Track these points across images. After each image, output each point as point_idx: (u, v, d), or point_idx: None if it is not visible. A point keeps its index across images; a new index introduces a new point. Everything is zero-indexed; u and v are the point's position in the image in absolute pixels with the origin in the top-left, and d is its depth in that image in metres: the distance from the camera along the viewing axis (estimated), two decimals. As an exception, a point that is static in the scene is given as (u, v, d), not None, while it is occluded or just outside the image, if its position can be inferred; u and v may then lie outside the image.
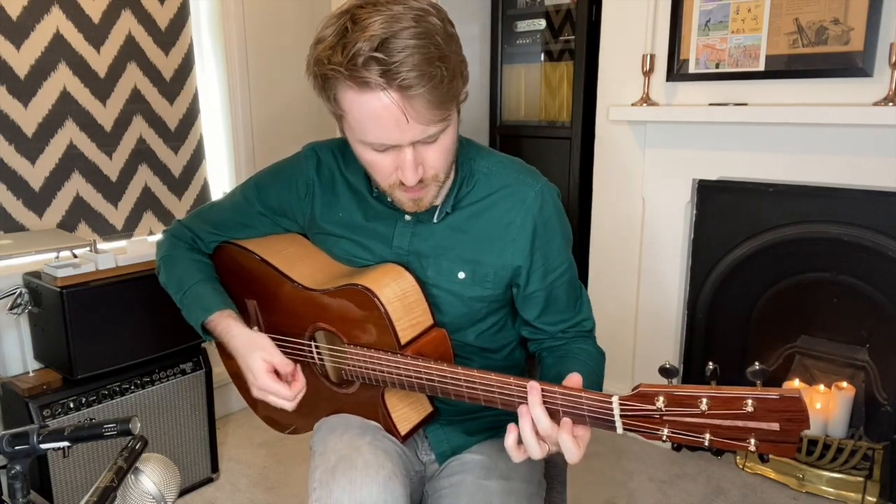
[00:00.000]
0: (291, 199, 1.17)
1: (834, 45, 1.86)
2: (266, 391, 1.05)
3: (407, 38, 0.84)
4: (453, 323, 1.08)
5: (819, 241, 2.02)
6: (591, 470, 2.23)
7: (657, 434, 0.78)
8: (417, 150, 0.93)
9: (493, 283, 1.07)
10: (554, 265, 1.08)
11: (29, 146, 1.94)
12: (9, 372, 1.91)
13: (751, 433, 0.73)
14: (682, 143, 2.21)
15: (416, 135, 0.90)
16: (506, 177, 1.07)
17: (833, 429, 2.08)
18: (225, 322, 1.11)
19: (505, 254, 1.05)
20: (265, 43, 2.57)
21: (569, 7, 2.65)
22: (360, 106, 0.89)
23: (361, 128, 0.92)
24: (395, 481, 0.98)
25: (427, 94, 0.85)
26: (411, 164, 0.93)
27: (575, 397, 0.83)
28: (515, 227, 1.04)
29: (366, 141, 0.93)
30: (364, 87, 0.86)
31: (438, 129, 0.92)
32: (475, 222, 1.06)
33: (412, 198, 0.99)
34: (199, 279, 1.17)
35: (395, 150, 0.93)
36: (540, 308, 1.10)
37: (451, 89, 0.89)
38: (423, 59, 0.84)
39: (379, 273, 1.05)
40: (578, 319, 1.14)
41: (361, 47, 0.83)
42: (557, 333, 1.13)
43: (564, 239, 1.09)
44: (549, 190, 1.07)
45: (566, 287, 1.11)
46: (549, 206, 1.06)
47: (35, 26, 1.91)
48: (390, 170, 0.96)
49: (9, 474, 0.82)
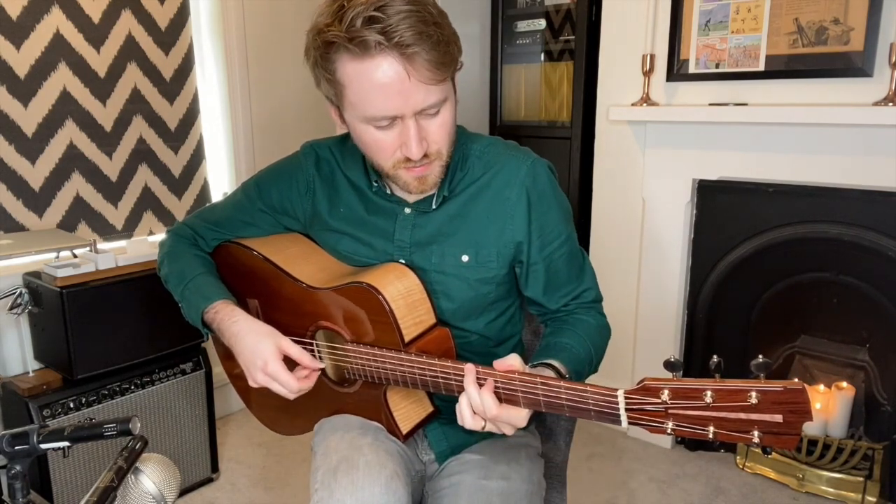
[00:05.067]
0: (293, 196, 1.17)
1: (834, 45, 1.86)
2: (274, 377, 1.02)
3: (401, 4, 0.88)
4: (461, 310, 1.09)
5: (819, 241, 2.02)
6: (591, 470, 2.23)
7: (662, 427, 0.78)
8: (420, 123, 0.94)
9: (497, 262, 1.07)
10: (551, 237, 1.08)
11: (29, 146, 1.94)
12: (9, 372, 1.91)
13: (754, 425, 0.73)
14: (682, 143, 2.21)
15: (418, 101, 0.91)
16: (497, 155, 1.08)
17: (833, 429, 2.08)
18: (228, 309, 1.10)
19: (505, 231, 1.06)
20: (265, 43, 2.57)
21: (569, 7, 2.65)
22: (361, 73, 0.90)
23: (363, 100, 0.92)
24: (397, 481, 0.98)
25: (425, 53, 0.88)
26: (415, 136, 0.93)
27: (580, 391, 0.83)
28: (511, 203, 1.05)
29: (368, 115, 0.94)
30: (365, 52, 0.88)
31: (439, 98, 0.93)
32: (473, 205, 1.07)
33: (417, 175, 0.99)
34: (201, 272, 1.17)
35: (399, 125, 0.94)
36: (542, 283, 1.10)
37: (448, 52, 0.92)
38: (418, 21, 0.88)
39: (383, 271, 1.05)
40: (580, 290, 1.13)
41: (359, 11, 0.87)
42: (561, 307, 1.13)
43: (561, 210, 1.09)
44: (540, 163, 1.08)
45: (566, 258, 1.10)
46: (542, 177, 1.06)
47: (35, 26, 1.91)
48: (394, 147, 0.96)
49: (9, 474, 0.82)
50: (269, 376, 1.03)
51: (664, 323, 2.36)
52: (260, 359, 1.03)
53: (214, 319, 1.11)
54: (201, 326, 1.13)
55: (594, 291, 1.15)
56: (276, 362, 1.02)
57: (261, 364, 1.03)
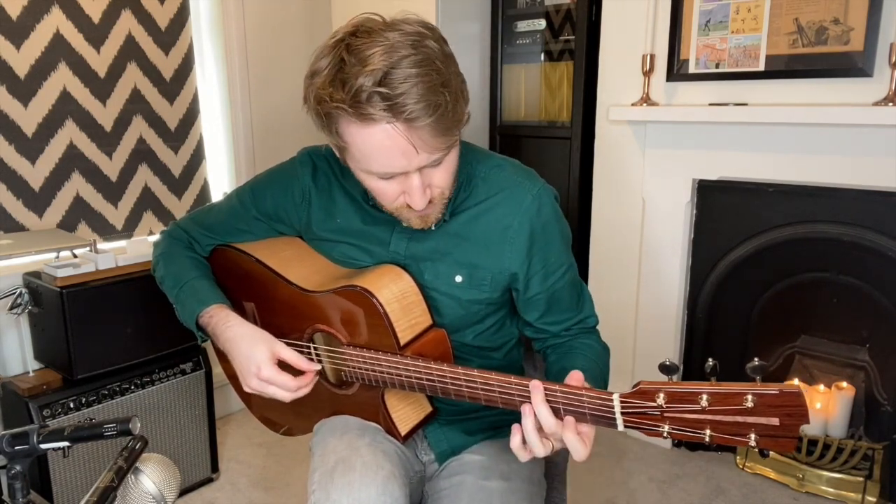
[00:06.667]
0: (287, 205, 1.16)
1: (834, 45, 1.86)
2: (269, 382, 1.02)
3: (408, 66, 0.83)
4: (452, 324, 1.08)
5: (819, 241, 2.02)
6: (591, 470, 2.23)
7: (658, 431, 0.78)
8: (424, 173, 0.93)
9: (491, 286, 1.07)
10: (554, 267, 1.08)
11: (29, 146, 1.94)
12: (9, 372, 1.91)
13: (751, 428, 0.73)
14: (682, 143, 2.21)
15: (422, 160, 0.90)
16: (503, 180, 1.06)
17: (833, 429, 2.08)
18: (223, 313, 1.10)
19: (503, 258, 1.05)
20: (265, 43, 2.57)
21: (569, 7, 2.64)
22: (364, 139, 0.88)
23: (366, 159, 0.91)
24: (394, 482, 0.98)
25: (433, 123, 0.85)
26: (419, 189, 0.93)
27: (576, 395, 0.83)
28: (513, 231, 1.04)
29: (371, 171, 0.93)
30: (369, 122, 0.85)
31: (444, 154, 0.92)
32: (473, 226, 1.06)
33: (419, 216, 0.99)
34: (196, 275, 1.17)
35: (402, 177, 0.93)
36: (542, 310, 1.10)
37: (455, 115, 0.89)
38: (426, 89, 0.83)
39: (377, 274, 1.05)
40: (581, 317, 1.13)
41: (363, 83, 0.82)
42: (561, 332, 1.12)
43: (563, 240, 1.09)
44: (546, 192, 1.06)
45: (568, 287, 1.11)
46: (546, 208, 1.05)
47: (35, 26, 1.91)
48: (396, 194, 0.96)
49: (9, 474, 0.82)
50: (263, 381, 1.03)
51: (664, 323, 2.36)
52: (254, 364, 1.03)
53: (209, 323, 1.11)
54: (196, 330, 1.13)
55: (595, 318, 1.16)
56: (270, 367, 1.02)
57: (254, 370, 1.03)
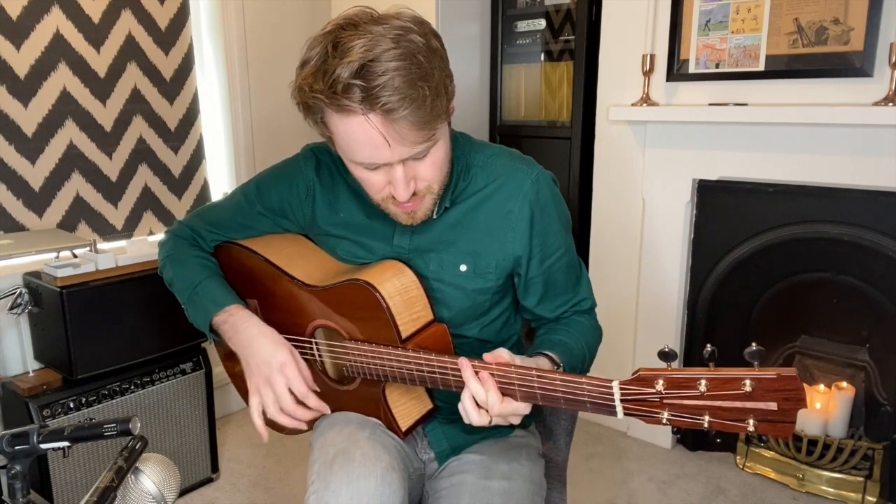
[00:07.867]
0: (292, 200, 1.17)
1: (834, 45, 1.86)
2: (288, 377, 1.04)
3: (387, 60, 0.84)
4: (457, 317, 1.09)
5: (819, 241, 2.02)
6: (591, 470, 2.23)
7: (657, 417, 0.79)
8: (408, 165, 0.94)
9: (496, 273, 1.08)
10: (551, 249, 1.09)
11: (29, 146, 1.94)
12: (9, 372, 1.91)
13: (749, 414, 0.74)
14: (682, 143, 2.21)
15: (403, 152, 0.91)
16: (501, 167, 1.08)
17: (833, 429, 2.08)
18: (241, 313, 1.11)
19: (505, 244, 1.06)
20: (265, 43, 2.57)
21: (569, 7, 2.64)
22: (345, 129, 0.90)
23: (349, 149, 0.93)
24: (393, 474, 0.98)
25: (410, 115, 0.86)
26: (402, 181, 0.94)
27: (575, 383, 0.83)
28: (514, 216, 1.05)
29: (355, 160, 0.94)
30: (347, 112, 0.87)
31: (426, 147, 0.93)
32: (474, 215, 1.07)
33: (406, 211, 1.00)
34: (208, 275, 1.17)
35: (386, 167, 0.94)
36: (539, 294, 1.11)
37: (434, 108, 0.89)
38: (404, 82, 0.84)
39: (379, 269, 1.05)
40: (577, 300, 1.15)
41: (341, 74, 0.84)
42: (559, 316, 1.14)
43: (561, 222, 1.10)
44: (544, 176, 1.08)
45: (564, 270, 1.11)
46: (545, 191, 1.07)
47: (35, 26, 1.91)
48: (382, 185, 0.97)
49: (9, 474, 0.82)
50: (284, 376, 1.04)
51: (664, 323, 2.36)
52: (276, 360, 1.05)
53: (226, 323, 1.11)
54: (208, 331, 1.14)
55: (590, 301, 1.17)
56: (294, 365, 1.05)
57: (277, 365, 1.04)
